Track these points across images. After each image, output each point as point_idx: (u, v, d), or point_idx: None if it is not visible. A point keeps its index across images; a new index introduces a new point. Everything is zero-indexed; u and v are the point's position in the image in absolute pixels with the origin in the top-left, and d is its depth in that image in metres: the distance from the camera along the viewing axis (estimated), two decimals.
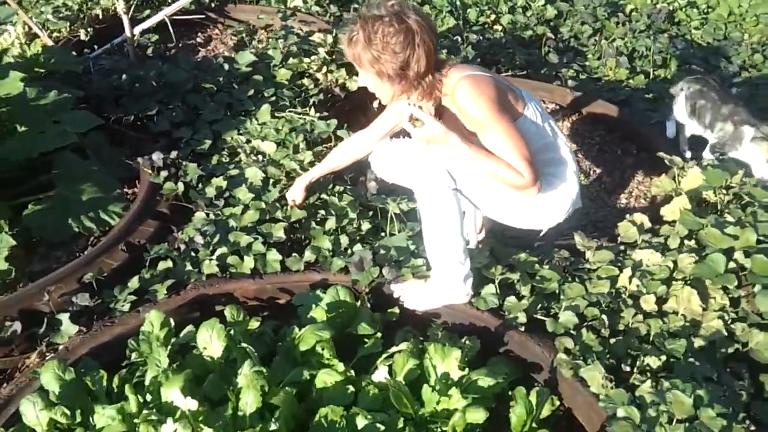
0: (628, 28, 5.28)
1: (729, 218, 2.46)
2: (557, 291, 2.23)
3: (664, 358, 1.93)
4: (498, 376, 1.89)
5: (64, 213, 2.61)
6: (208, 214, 2.62)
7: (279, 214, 2.56)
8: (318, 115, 3.14)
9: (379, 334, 2.07)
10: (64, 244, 2.65)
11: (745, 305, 2.15)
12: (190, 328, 2.03)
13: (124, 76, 3.26)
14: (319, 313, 2.09)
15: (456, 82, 1.99)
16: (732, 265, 2.18)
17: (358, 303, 2.18)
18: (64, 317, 2.18)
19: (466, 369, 1.89)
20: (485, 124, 1.96)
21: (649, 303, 2.16)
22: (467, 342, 2.02)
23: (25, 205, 2.60)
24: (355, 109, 3.66)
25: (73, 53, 3.45)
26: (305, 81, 3.55)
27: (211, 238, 2.47)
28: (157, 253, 2.41)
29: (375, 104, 3.77)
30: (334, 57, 3.67)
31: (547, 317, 2.13)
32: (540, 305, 2.20)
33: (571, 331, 2.06)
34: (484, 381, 1.86)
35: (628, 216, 2.59)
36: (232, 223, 2.55)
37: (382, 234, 2.55)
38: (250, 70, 3.47)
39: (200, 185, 2.79)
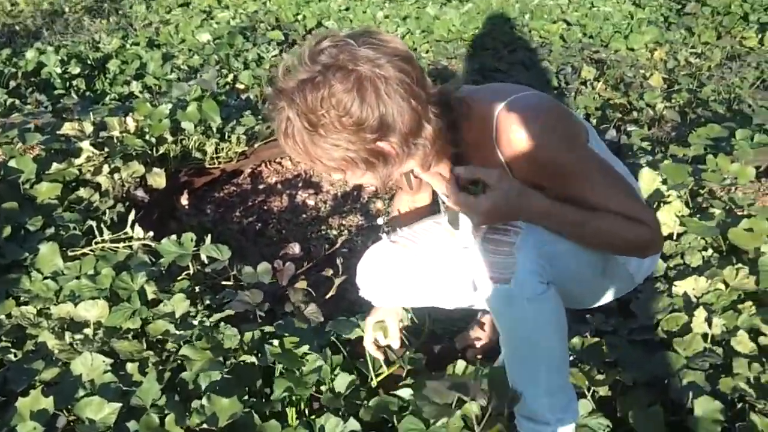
0: None
1: (717, 212, 2.13)
2: None
3: None
4: None
5: None
6: None
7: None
8: (149, 234, 2.00)
9: None
10: None
11: None
12: None
13: None
14: None
15: (499, 116, 1.20)
16: None
17: None
18: None
19: None
20: (570, 170, 1.22)
21: (743, 343, 1.67)
22: None
23: None
24: (163, 214, 2.55)
25: None
26: (82, 193, 2.33)
27: None
28: None
29: (184, 201, 2.72)
30: (107, 149, 2.50)
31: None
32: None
33: None
34: None
35: None
36: None
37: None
38: None
39: None
